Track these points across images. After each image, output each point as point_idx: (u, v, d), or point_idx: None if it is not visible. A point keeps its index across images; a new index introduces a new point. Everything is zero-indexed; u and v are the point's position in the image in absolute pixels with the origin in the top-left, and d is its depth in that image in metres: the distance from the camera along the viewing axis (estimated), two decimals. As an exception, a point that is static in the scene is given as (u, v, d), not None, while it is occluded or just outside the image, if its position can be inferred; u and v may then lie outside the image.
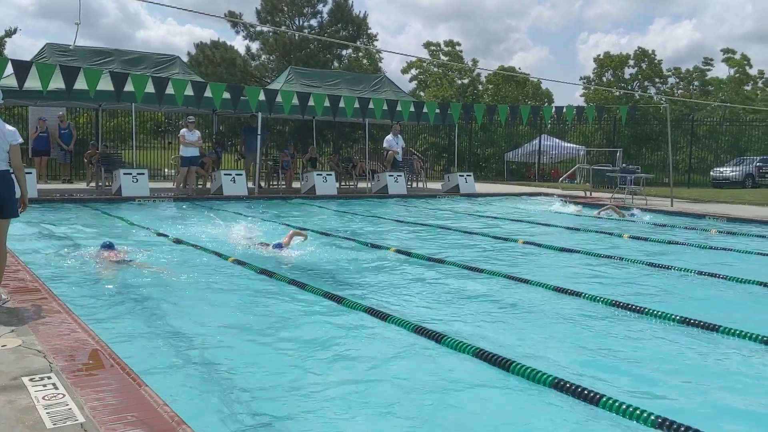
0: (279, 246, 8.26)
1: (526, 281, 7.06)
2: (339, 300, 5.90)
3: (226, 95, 16.18)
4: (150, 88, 15.25)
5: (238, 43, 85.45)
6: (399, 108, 18.20)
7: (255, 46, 35.36)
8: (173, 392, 3.61)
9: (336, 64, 34.94)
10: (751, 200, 18.55)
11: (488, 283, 7.02)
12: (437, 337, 4.82)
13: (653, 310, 5.77)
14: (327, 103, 17.15)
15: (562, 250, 9.54)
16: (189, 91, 15.68)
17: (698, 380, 4.30)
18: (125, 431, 2.92)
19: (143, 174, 16.31)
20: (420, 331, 4.98)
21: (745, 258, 9.29)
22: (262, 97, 16.64)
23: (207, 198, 16.43)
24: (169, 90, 15.47)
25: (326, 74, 22.50)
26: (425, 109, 19.07)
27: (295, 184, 19.75)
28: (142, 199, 15.11)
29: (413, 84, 47.75)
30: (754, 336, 5.06)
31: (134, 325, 5.16)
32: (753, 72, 46.78)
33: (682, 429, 3.30)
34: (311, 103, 16.97)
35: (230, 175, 17.26)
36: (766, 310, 6.30)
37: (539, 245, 9.99)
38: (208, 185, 18.37)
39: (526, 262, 8.87)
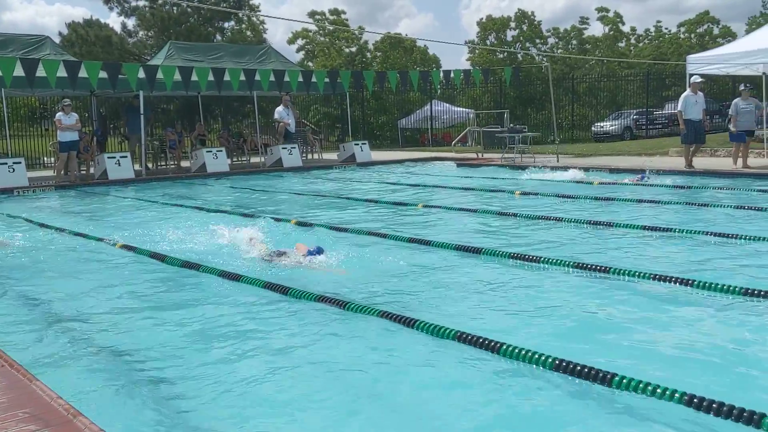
0: (316, 252, 6.26)
1: (427, 242, 7.15)
2: (237, 278, 5.74)
3: (103, 74, 15.34)
4: (19, 71, 14.24)
5: (113, 20, 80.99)
6: (287, 79, 17.86)
7: (131, 22, 33.66)
8: (67, 384, 3.41)
9: (219, 37, 33.84)
10: (630, 151, 19.55)
11: (394, 247, 7.04)
12: (342, 304, 4.78)
13: (550, 258, 5.97)
14: (211, 77, 16.59)
15: (460, 210, 9.75)
16: (62, 72, 14.74)
17: (588, 320, 4.49)
18: (18, 428, 2.72)
19: (20, 163, 15.29)
20: (323, 299, 4.92)
21: (626, 205, 9.79)
22: (141, 74, 15.88)
23: (91, 183, 15.62)
24: (40, 72, 14.48)
25: (209, 48, 21.72)
26: (314, 79, 18.82)
27: (185, 164, 19.11)
28: (20, 190, 14.19)
29: (300, 54, 47.06)
30: (644, 274, 5.34)
31: (19, 318, 4.83)
32: (626, 29, 49.14)
33: (578, 368, 3.43)
34: (194, 78, 16.36)
35: (114, 158, 16.46)
36: (650, 251, 6.65)
37: (439, 207, 10.15)
38: (92, 170, 17.45)
39: (429, 225, 8.97)
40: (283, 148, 18.70)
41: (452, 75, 20.29)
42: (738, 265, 5.90)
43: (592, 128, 29.81)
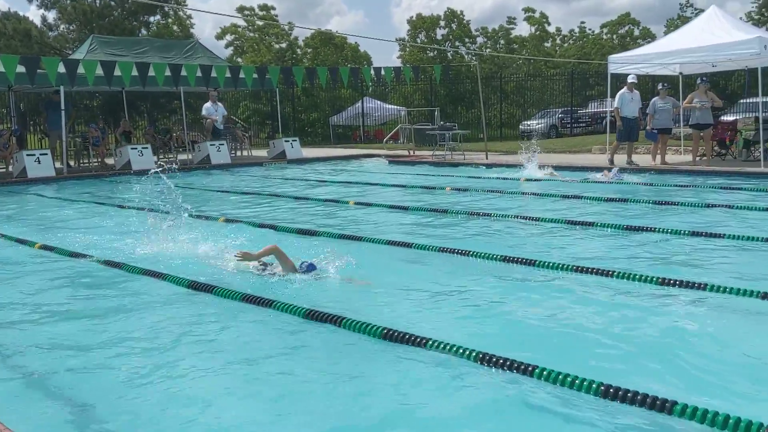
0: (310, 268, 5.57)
1: (358, 238, 7.15)
2: (162, 276, 5.61)
3: (21, 69, 14.70)
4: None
5: (33, 14, 78.19)
6: (214, 74, 17.52)
7: (52, 15, 32.48)
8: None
9: (144, 31, 32.97)
10: (554, 149, 20.05)
11: (323, 244, 7.00)
12: (267, 303, 4.73)
13: (481, 253, 6.07)
14: (135, 72, 16.11)
15: (392, 207, 9.81)
16: (-24, 66, 14.07)
17: (512, 313, 4.58)
18: None
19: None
20: (248, 299, 4.86)
21: (556, 201, 10.06)
22: (62, 69, 15.28)
23: (10, 182, 14.95)
24: (-49, 66, 13.80)
25: (133, 42, 21.09)
26: (242, 75, 18.53)
27: (110, 161, 18.52)
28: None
29: (229, 50, 46.37)
30: (568, 266, 5.48)
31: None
32: (551, 29, 50.37)
33: (494, 359, 3.50)
34: (117, 72, 15.86)
35: (34, 155, 15.81)
36: (571, 243, 6.83)
37: (369, 204, 10.16)
38: (11, 168, 16.70)
39: (358, 222, 8.97)
40: (211, 145, 18.36)
41: (383, 72, 20.35)
42: (654, 256, 6.13)
43: (520, 126, 30.42)
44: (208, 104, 18.78)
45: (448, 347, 3.72)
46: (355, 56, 47.71)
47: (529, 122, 30.05)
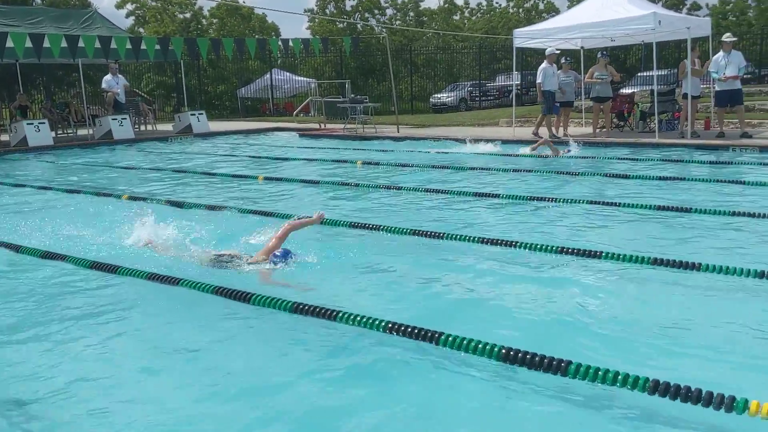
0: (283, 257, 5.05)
1: (269, 214, 7.09)
2: (63, 258, 5.40)
3: None
4: None
5: None
6: (114, 45, 16.76)
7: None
8: None
9: (38, 0, 31.12)
10: (463, 122, 20.41)
11: (233, 219, 6.90)
12: (174, 281, 4.64)
13: (391, 227, 6.14)
14: (29, 44, 15.22)
15: (303, 182, 9.75)
16: None
17: (421, 284, 4.68)
18: None
19: None
20: (154, 277, 4.75)
21: (459, 172, 10.27)
22: (-55, 38, 14.27)
23: None
24: None
25: (26, 12, 19.87)
26: (144, 46, 17.82)
27: (4, 137, 17.51)
28: None
29: (130, 20, 44.44)
30: (474, 238, 5.63)
31: None
32: (459, 2, 50.84)
33: (416, 331, 3.58)
34: (10, 44, 14.94)
35: None
36: (482, 216, 7.02)
37: (279, 179, 10.07)
38: None
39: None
40: (112, 119, 17.64)
41: (291, 44, 20.05)
42: (556, 226, 6.39)
43: (431, 99, 30.73)
44: (108, 77, 18.00)
45: (358, 319, 3.77)
46: (263, 27, 46.69)
47: (439, 95, 30.41)
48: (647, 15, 12.80)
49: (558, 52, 14.45)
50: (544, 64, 14.35)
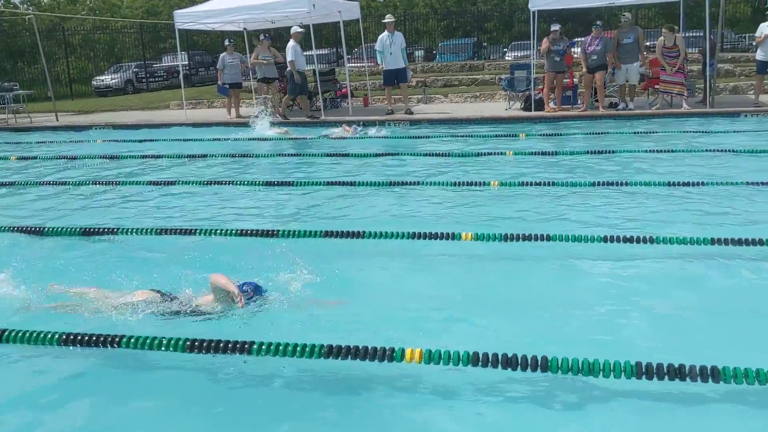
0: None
1: None
2: None
3: None
4: None
5: None
6: None
7: None
8: None
9: None
10: (132, 105, 19.54)
11: None
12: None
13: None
14: None
15: None
16: None
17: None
18: None
19: None
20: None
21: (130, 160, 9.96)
22: None
23: None
24: None
25: None
26: None
27: None
28: None
29: None
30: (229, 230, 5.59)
31: None
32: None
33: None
34: None
35: None
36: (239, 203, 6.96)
37: None
38: None
39: None
40: None
41: None
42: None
43: (93, 82, 28.69)
44: None
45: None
46: None
47: (102, 77, 28.52)
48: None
49: (302, 30, 14.23)
50: (291, 43, 14.12)
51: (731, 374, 2.90)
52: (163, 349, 3.35)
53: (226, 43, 15.03)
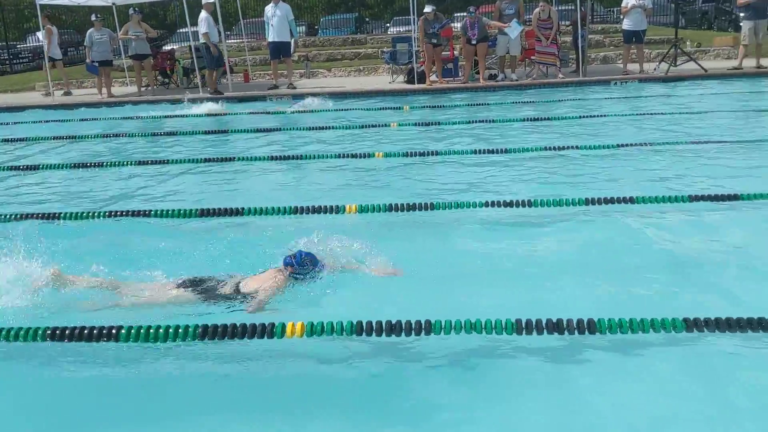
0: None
1: None
2: None
3: None
4: None
5: None
6: None
7: None
8: None
9: None
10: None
11: None
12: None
13: None
14: None
15: None
16: None
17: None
18: None
19: None
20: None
21: None
22: None
23: None
24: None
25: None
26: None
27: None
28: None
29: None
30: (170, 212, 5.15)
31: None
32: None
33: None
34: None
35: None
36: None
37: None
38: None
39: None
40: None
41: None
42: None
43: (-53, 65, 26.38)
44: None
45: None
46: None
47: (-43, 60, 26.30)
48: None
49: (213, 0, 13.23)
50: (203, 14, 13.14)
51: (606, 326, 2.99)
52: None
53: (93, 18, 14.16)
